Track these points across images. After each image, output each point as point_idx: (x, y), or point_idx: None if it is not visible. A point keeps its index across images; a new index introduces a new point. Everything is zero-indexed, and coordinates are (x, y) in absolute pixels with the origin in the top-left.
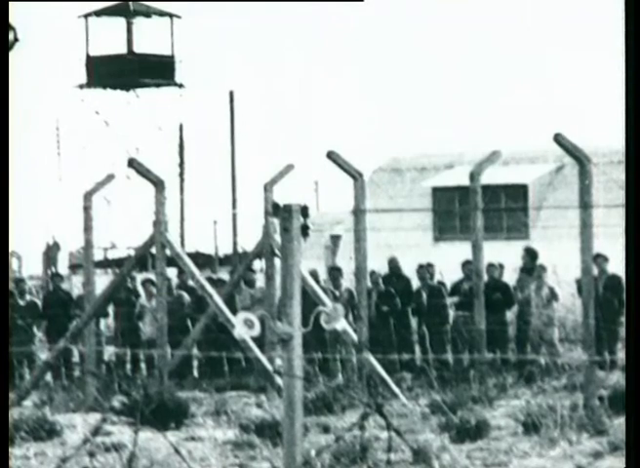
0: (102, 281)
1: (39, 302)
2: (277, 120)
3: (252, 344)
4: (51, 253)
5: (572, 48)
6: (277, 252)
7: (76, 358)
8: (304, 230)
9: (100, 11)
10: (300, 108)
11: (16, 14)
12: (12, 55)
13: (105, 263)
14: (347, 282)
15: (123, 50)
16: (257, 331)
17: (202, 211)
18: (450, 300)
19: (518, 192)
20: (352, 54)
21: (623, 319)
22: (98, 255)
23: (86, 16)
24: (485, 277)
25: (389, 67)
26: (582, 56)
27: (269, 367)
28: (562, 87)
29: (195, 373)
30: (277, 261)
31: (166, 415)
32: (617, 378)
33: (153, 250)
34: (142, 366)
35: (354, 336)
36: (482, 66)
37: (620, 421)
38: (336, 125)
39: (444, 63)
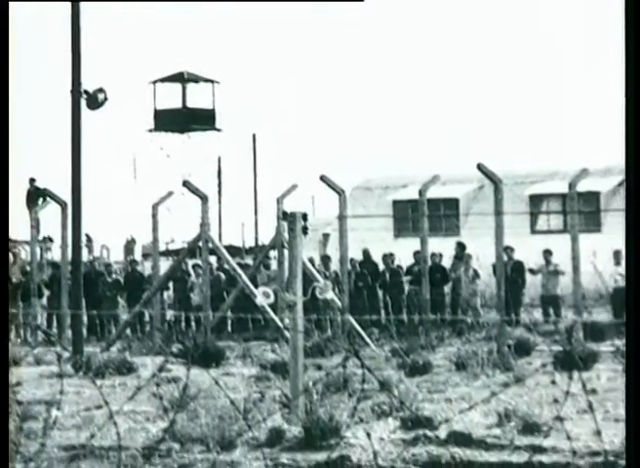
0: (165, 265)
1: (121, 280)
2: (285, 150)
3: (268, 309)
4: (129, 246)
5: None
6: (285, 245)
7: (147, 318)
8: (304, 230)
9: (163, 78)
10: (302, 140)
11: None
12: (104, 109)
13: (167, 253)
14: (334, 266)
15: (179, 105)
16: (271, 299)
17: (233, 216)
18: (405, 278)
19: (452, 203)
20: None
21: (524, 291)
22: (161, 247)
23: (154, 82)
24: (429, 262)
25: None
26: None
27: (280, 324)
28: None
29: (229, 329)
30: (285, 252)
31: (209, 358)
32: (519, 333)
33: (200, 243)
34: (192, 324)
35: (339, 303)
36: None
37: (521, 361)
38: (326, 152)
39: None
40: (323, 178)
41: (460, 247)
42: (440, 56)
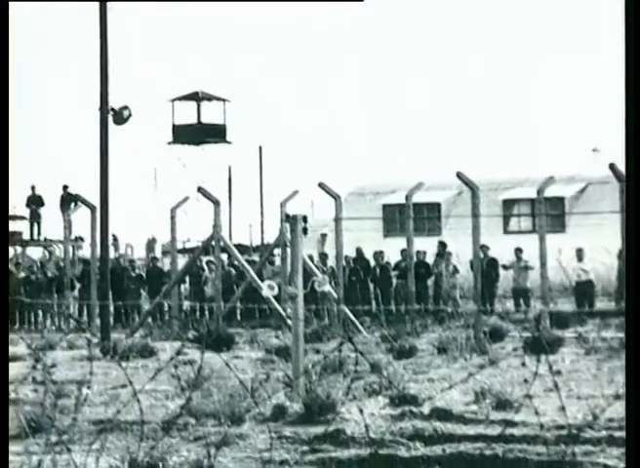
0: (182, 261)
1: (144, 274)
2: (287, 160)
3: (273, 300)
4: (151, 245)
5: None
6: (288, 244)
7: (166, 308)
8: (304, 231)
9: (180, 97)
10: (302, 151)
11: (130, 98)
12: (129, 124)
13: (184, 251)
14: (331, 262)
15: (194, 120)
16: (275, 292)
17: (242, 219)
18: (393, 273)
19: (434, 207)
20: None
21: (498, 284)
22: (179, 246)
23: (172, 100)
24: (414, 259)
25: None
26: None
27: (283, 313)
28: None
29: (238, 318)
30: (288, 250)
31: (220, 343)
32: (493, 321)
33: (213, 242)
34: (206, 313)
35: (335, 295)
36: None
37: (495, 346)
38: (323, 161)
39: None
40: (321, 185)
41: (442, 245)
42: (429, 68)
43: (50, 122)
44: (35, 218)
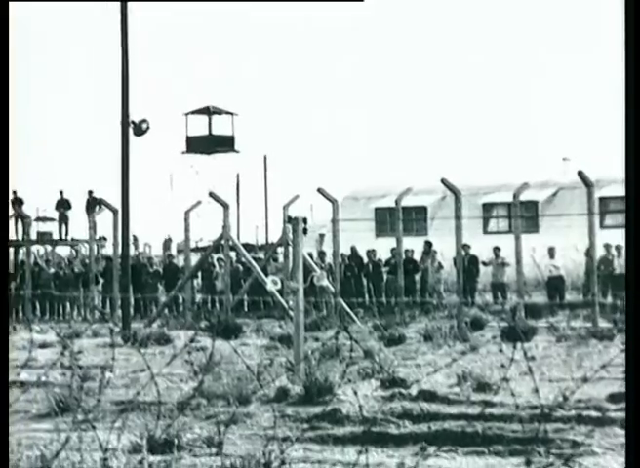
0: (194, 259)
1: (160, 270)
2: (289, 168)
3: (277, 293)
4: (167, 244)
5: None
6: (290, 243)
7: (181, 301)
8: (304, 231)
9: (193, 111)
10: (302, 160)
11: (148, 112)
12: (147, 137)
13: (196, 249)
14: (328, 259)
15: (206, 132)
16: (279, 286)
17: (249, 220)
18: (384, 269)
19: (421, 210)
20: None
21: (478, 279)
22: (192, 245)
23: (186, 114)
24: (403, 256)
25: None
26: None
27: (285, 305)
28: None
29: (245, 309)
30: (290, 248)
31: (229, 332)
32: (474, 312)
33: (223, 241)
34: (216, 305)
35: (332, 289)
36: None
37: (476, 334)
38: (321, 169)
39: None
40: (319, 190)
41: (428, 244)
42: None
43: (76, 132)
44: (63, 220)
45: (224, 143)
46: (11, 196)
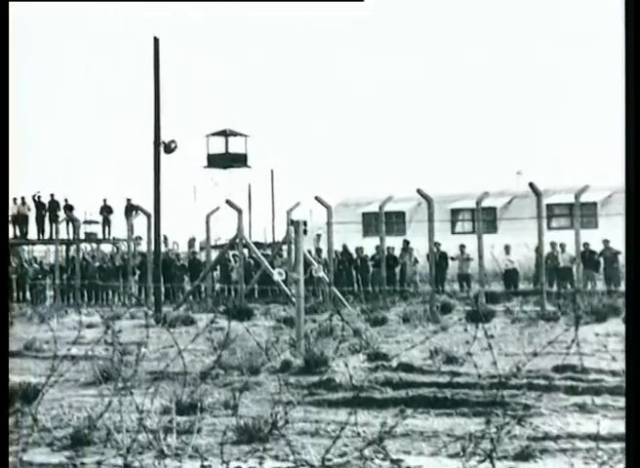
0: (214, 255)
1: (186, 264)
2: (292, 180)
3: (281, 283)
4: (191, 242)
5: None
6: (292, 241)
7: (203, 289)
8: (304, 232)
9: (213, 133)
10: (302, 173)
11: (175, 133)
12: (175, 154)
13: (215, 247)
14: (324, 255)
15: (223, 150)
16: (283, 277)
17: (259, 223)
18: (370, 263)
19: (401, 215)
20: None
21: (447, 271)
22: (212, 243)
23: (207, 135)
24: (386, 253)
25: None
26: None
27: (289, 293)
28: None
29: (256, 296)
30: (292, 246)
31: (242, 315)
32: (444, 298)
33: (237, 240)
34: (232, 293)
35: (327, 279)
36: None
37: (445, 317)
38: (318, 181)
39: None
40: (317, 198)
41: (406, 243)
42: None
43: (117, 150)
44: (106, 223)
45: (239, 160)
46: (63, 203)
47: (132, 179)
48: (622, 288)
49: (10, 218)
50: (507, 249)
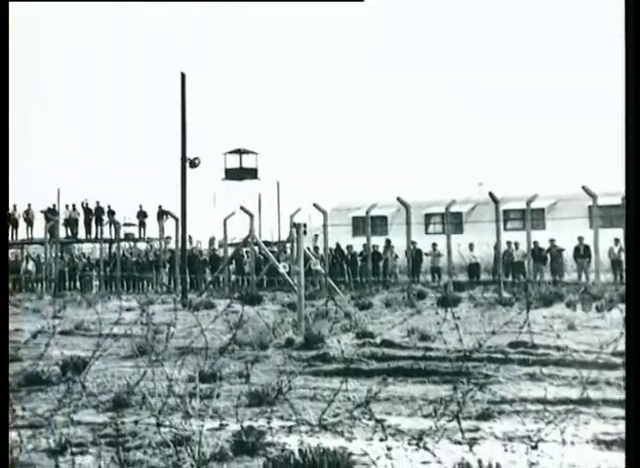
0: (230, 251)
1: (207, 259)
2: (294, 190)
3: (286, 275)
4: (212, 241)
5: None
6: (295, 240)
7: (221, 279)
8: (305, 232)
9: (229, 151)
10: (303, 183)
11: (198, 150)
12: (198, 169)
13: (231, 245)
14: (321, 251)
15: (237, 165)
16: (287, 269)
17: (267, 225)
18: (358, 258)
19: (383, 219)
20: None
21: (422, 265)
22: (229, 241)
23: (225, 153)
24: (371, 250)
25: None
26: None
27: (292, 282)
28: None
29: (265, 285)
30: (295, 244)
31: (253, 300)
32: (419, 287)
33: (249, 239)
34: (245, 282)
35: (323, 271)
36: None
37: (420, 302)
38: (315, 189)
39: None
40: (315, 205)
41: (388, 241)
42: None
43: (146, 165)
44: (142, 225)
45: (251, 174)
46: (106, 209)
47: (162, 190)
48: (565, 278)
49: (62, 222)
50: (471, 246)
